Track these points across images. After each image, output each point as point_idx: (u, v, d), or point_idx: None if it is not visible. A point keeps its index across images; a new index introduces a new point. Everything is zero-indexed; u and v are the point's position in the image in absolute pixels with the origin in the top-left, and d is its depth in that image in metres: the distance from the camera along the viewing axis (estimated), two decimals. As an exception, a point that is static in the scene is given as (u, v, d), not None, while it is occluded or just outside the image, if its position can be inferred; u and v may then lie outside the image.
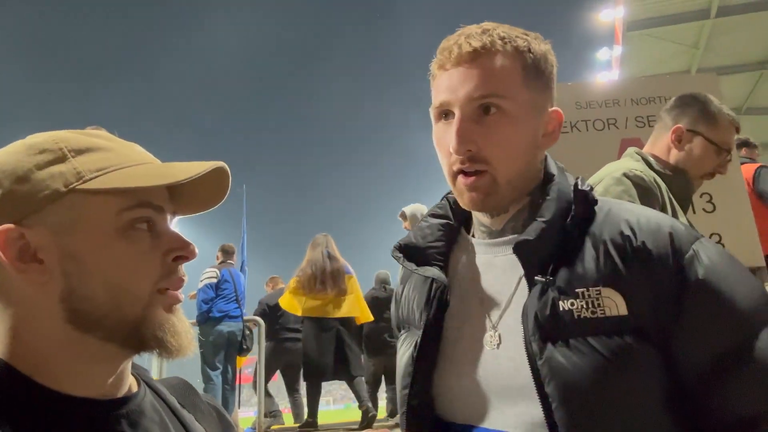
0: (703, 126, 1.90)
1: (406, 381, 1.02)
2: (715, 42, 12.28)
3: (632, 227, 0.91)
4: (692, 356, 0.84)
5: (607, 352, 0.83)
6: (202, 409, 0.92)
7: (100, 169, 0.73)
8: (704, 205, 3.51)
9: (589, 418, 0.81)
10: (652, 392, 0.83)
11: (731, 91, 12.66)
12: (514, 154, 0.96)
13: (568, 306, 0.87)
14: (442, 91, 0.97)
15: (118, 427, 0.72)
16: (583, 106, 3.77)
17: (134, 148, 0.81)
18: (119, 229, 0.72)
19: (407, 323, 1.11)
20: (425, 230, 1.09)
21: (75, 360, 0.72)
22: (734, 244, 3.44)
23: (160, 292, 0.75)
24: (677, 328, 0.84)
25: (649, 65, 13.08)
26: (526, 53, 0.96)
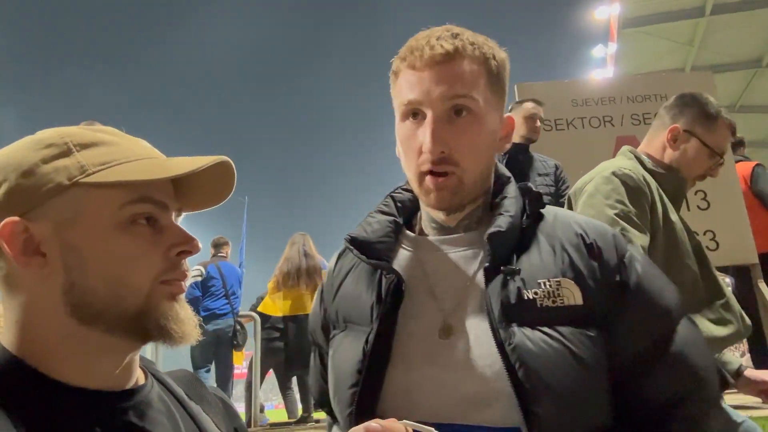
0: (700, 128, 1.90)
1: (354, 379, 0.97)
2: (710, 39, 12.34)
3: (583, 228, 1.00)
4: (626, 345, 0.93)
5: (569, 338, 0.89)
6: (209, 400, 0.92)
7: (104, 163, 0.73)
8: (699, 202, 3.54)
9: (557, 401, 0.86)
10: (602, 375, 0.91)
11: (725, 89, 12.71)
12: (480, 156, 1.01)
13: (531, 295, 0.92)
14: (413, 90, 0.98)
15: (126, 418, 0.72)
16: (579, 104, 3.79)
17: (140, 143, 0.81)
18: (120, 223, 0.72)
19: (346, 321, 1.08)
20: (374, 225, 1.09)
21: (80, 352, 0.72)
22: (728, 241, 3.47)
23: (162, 283, 0.75)
24: (618, 319, 0.93)
25: (644, 62, 13.14)
26: (491, 60, 1.00)
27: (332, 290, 1.14)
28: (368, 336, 0.98)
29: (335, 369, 1.04)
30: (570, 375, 0.87)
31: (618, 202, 1.68)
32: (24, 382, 0.69)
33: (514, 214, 0.99)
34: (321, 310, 1.18)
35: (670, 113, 1.96)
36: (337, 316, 1.10)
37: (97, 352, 0.73)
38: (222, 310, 5.88)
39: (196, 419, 0.83)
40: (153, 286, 0.73)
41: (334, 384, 1.04)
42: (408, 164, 1.02)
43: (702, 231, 3.47)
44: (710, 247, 3.44)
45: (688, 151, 1.89)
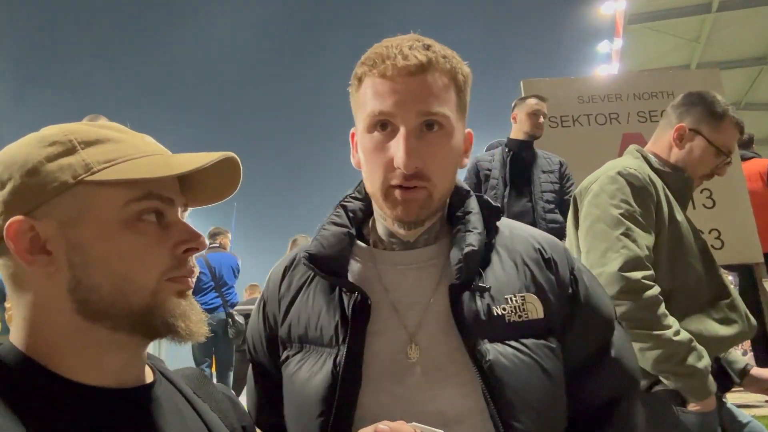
0: (706, 127, 1.88)
1: (322, 407, 0.92)
2: (716, 36, 12.27)
3: (540, 243, 1.04)
4: (574, 353, 0.99)
5: (535, 351, 0.93)
6: (217, 398, 0.92)
7: (109, 160, 0.73)
8: (704, 200, 3.53)
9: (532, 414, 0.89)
10: (561, 381, 0.96)
11: (731, 86, 12.64)
12: (449, 171, 0.99)
13: (500, 311, 0.94)
14: (384, 100, 0.93)
15: (134, 415, 0.73)
16: (585, 101, 3.77)
17: (144, 139, 0.80)
18: (126, 221, 0.72)
19: (302, 341, 1.01)
20: (330, 239, 1.03)
21: (87, 349, 0.72)
22: (733, 240, 3.46)
23: (168, 280, 0.75)
24: (569, 329, 0.99)
25: (650, 59, 13.08)
26: (459, 75, 0.97)
27: (280, 306, 1.07)
28: (336, 358, 0.93)
29: (295, 396, 0.98)
30: (541, 387, 0.91)
31: (623, 201, 1.68)
32: (33, 379, 0.69)
33: (481, 231, 1.00)
34: (265, 328, 1.09)
35: (676, 112, 1.95)
36: (290, 335, 1.03)
37: (104, 349, 0.73)
38: (211, 305, 5.72)
39: (203, 417, 0.83)
40: (159, 283, 0.74)
41: (295, 413, 0.98)
42: (372, 177, 0.97)
43: (707, 229, 3.46)
44: (715, 245, 3.44)
45: (694, 150, 1.88)
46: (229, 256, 6.11)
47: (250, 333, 1.14)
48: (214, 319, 5.67)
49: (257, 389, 1.13)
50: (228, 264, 6.00)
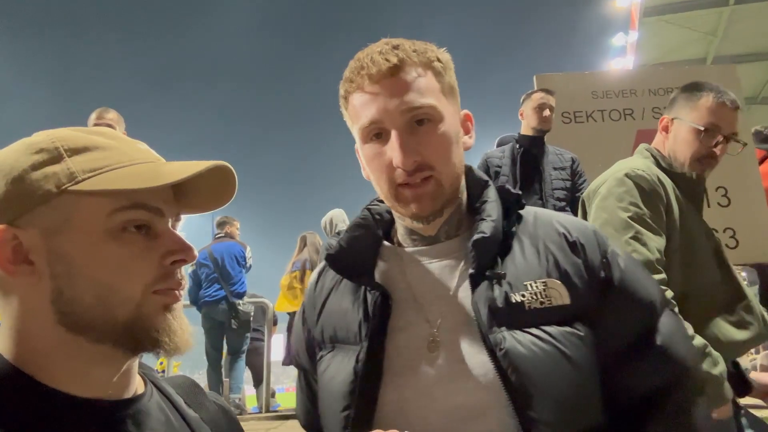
0: (684, 110, 1.89)
1: (346, 401, 0.95)
2: (733, 30, 12.10)
3: (565, 226, 1.01)
4: (612, 340, 0.94)
5: (559, 339, 0.89)
6: (208, 408, 0.91)
7: (95, 169, 0.71)
8: (719, 199, 3.48)
9: (551, 403, 0.86)
10: (593, 373, 0.91)
11: (748, 80, 12.48)
12: (450, 156, 0.99)
13: (519, 298, 0.92)
14: (370, 110, 0.96)
15: (123, 428, 0.72)
16: (599, 96, 3.72)
17: (136, 145, 0.79)
18: (110, 231, 0.70)
19: (333, 341, 1.05)
20: (353, 240, 1.06)
21: (74, 361, 0.70)
22: (748, 239, 3.41)
23: (155, 293, 0.72)
24: (603, 315, 0.94)
25: (665, 52, 12.93)
26: (436, 62, 0.99)
27: (315, 310, 1.11)
28: (358, 354, 0.96)
29: (324, 392, 1.02)
30: (563, 376, 0.87)
31: (631, 204, 1.65)
32: (20, 390, 0.68)
33: (496, 218, 0.99)
34: (304, 332, 1.14)
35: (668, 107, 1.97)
36: (323, 336, 1.07)
37: (90, 360, 0.71)
38: (214, 296, 5.64)
39: (193, 428, 0.82)
40: (144, 295, 0.71)
41: (324, 408, 1.02)
42: (380, 182, 1.00)
43: (722, 228, 3.40)
44: (729, 245, 3.38)
45: (678, 135, 1.88)
46: (234, 245, 5.96)
47: (294, 340, 1.19)
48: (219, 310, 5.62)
49: (303, 395, 1.18)
50: (231, 253, 5.84)
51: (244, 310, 5.69)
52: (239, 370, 5.77)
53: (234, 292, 5.69)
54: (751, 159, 3.72)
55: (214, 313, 5.62)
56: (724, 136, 1.84)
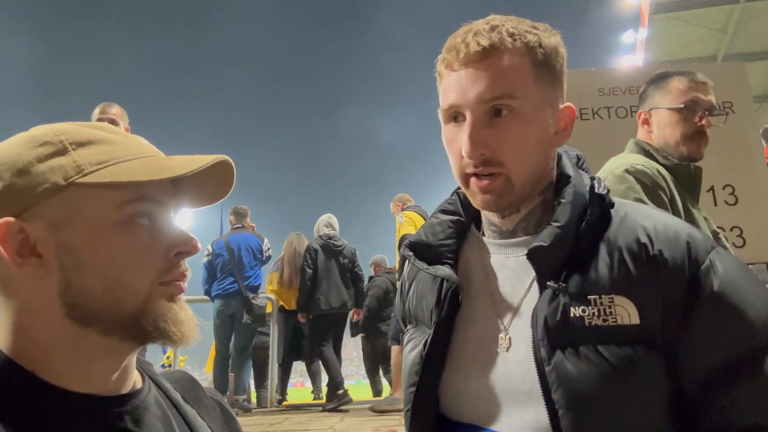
0: (657, 99, 1.92)
1: (413, 379, 1.00)
2: (744, 27, 11.99)
3: (649, 234, 0.89)
4: (698, 364, 0.83)
5: (616, 361, 0.82)
6: (206, 403, 0.91)
7: (101, 162, 0.71)
8: (726, 197, 3.45)
9: (593, 426, 0.81)
10: (655, 401, 0.82)
11: (758, 79, 12.37)
12: (528, 154, 0.94)
13: (579, 312, 0.86)
14: (452, 93, 0.94)
15: (121, 423, 0.72)
16: (606, 93, 3.69)
17: (138, 140, 0.79)
18: (118, 223, 0.71)
19: (415, 318, 1.09)
20: (436, 227, 1.07)
21: (77, 355, 0.70)
22: (756, 238, 3.38)
23: (162, 284, 0.74)
24: (685, 336, 0.83)
25: (675, 49, 12.83)
26: (537, 48, 0.93)
27: (407, 286, 1.15)
28: (426, 340, 0.99)
29: (404, 362, 1.07)
30: (612, 401, 0.81)
31: (636, 200, 1.63)
32: (20, 386, 0.68)
33: (562, 224, 0.91)
34: (401, 303, 1.18)
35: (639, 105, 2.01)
36: (410, 312, 1.12)
37: (93, 355, 0.71)
38: (228, 290, 5.57)
39: (191, 423, 0.82)
40: (152, 287, 0.72)
41: (402, 377, 1.07)
42: (454, 167, 0.98)
43: (729, 227, 3.37)
44: (737, 243, 3.35)
45: (660, 123, 1.90)
46: (251, 237, 5.90)
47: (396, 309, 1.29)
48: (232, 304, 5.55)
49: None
50: (247, 244, 5.78)
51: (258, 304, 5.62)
52: (246, 370, 5.68)
53: (248, 286, 5.63)
54: (759, 157, 3.68)
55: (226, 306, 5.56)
56: (705, 109, 1.85)
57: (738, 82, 3.72)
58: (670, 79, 1.91)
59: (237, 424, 0.96)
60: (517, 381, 0.90)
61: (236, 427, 0.95)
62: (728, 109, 3.52)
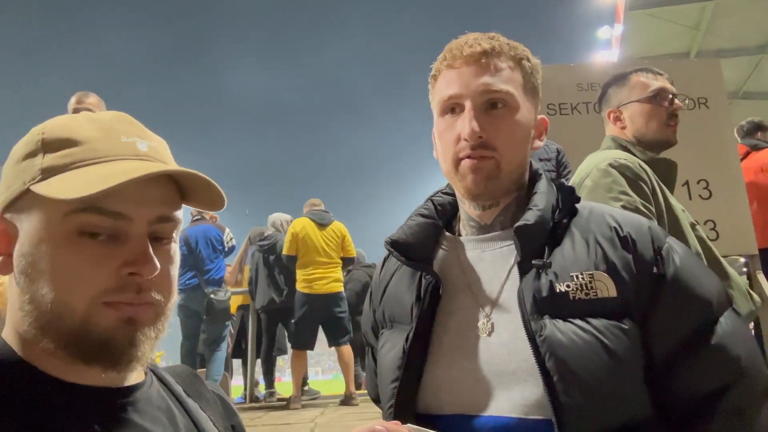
0: (622, 95, 1.96)
1: (395, 374, 1.02)
2: (716, 24, 12.21)
3: (617, 221, 1.01)
4: (663, 338, 0.93)
5: (601, 330, 0.90)
6: (207, 397, 0.91)
7: (60, 166, 0.68)
8: (701, 191, 3.52)
9: (585, 392, 0.87)
10: (636, 368, 0.92)
11: (730, 75, 12.60)
12: (516, 145, 1.04)
13: (564, 288, 0.93)
14: (453, 86, 1.04)
15: (125, 415, 0.71)
16: (584, 88, 3.72)
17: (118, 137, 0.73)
18: (65, 234, 0.66)
19: (391, 321, 1.12)
20: (414, 228, 1.12)
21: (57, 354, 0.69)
22: (729, 231, 3.45)
23: (106, 305, 0.67)
24: (654, 311, 0.94)
25: (650, 46, 13.01)
26: (525, 62, 1.07)
27: (379, 292, 1.19)
28: (408, 334, 1.03)
29: (380, 365, 1.10)
30: (601, 367, 0.88)
31: (621, 193, 1.66)
32: (22, 379, 0.67)
33: (542, 208, 1.01)
34: (371, 312, 1.23)
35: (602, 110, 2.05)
36: (384, 316, 1.15)
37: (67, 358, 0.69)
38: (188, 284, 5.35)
39: (193, 417, 0.82)
40: (91, 307, 0.66)
41: (379, 379, 1.10)
42: (445, 154, 1.06)
43: (703, 220, 3.44)
44: (710, 237, 3.41)
45: (633, 116, 1.94)
46: (210, 228, 5.66)
47: (363, 320, 1.29)
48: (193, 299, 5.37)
49: (371, 371, 1.29)
50: (206, 237, 5.56)
51: (218, 298, 5.41)
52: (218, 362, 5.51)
53: (209, 280, 5.44)
54: (733, 153, 3.76)
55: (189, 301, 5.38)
56: (671, 94, 1.93)
57: (713, 78, 3.79)
58: (630, 75, 1.98)
59: (238, 417, 0.95)
60: (502, 363, 0.95)
61: (237, 420, 0.95)
62: (703, 105, 3.60)
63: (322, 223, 5.33)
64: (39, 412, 0.65)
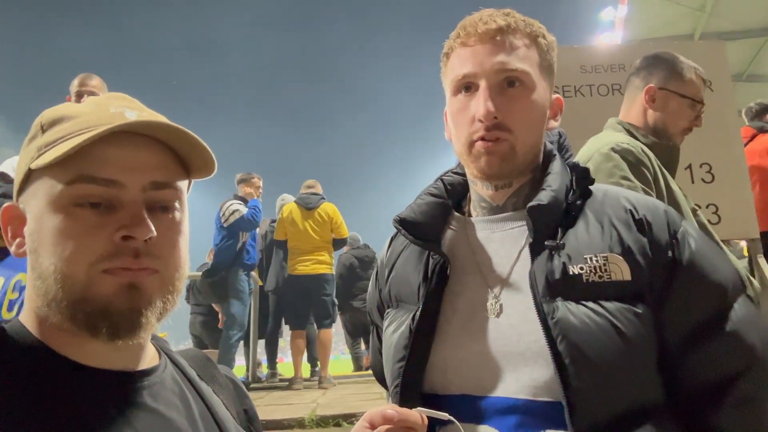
0: (674, 82, 1.93)
1: (401, 354, 1.01)
2: (721, 6, 12.06)
3: (633, 203, 0.99)
4: (677, 323, 0.92)
5: (614, 314, 0.88)
6: (220, 381, 0.92)
7: (54, 141, 0.69)
8: (703, 175, 3.50)
9: (597, 375, 0.86)
10: (649, 352, 0.90)
11: (734, 57, 12.48)
12: (532, 126, 1.02)
13: (577, 270, 0.92)
14: (467, 64, 1.01)
15: (140, 398, 0.72)
16: (588, 71, 3.70)
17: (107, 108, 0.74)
18: (61, 206, 0.68)
19: (398, 300, 1.11)
20: (423, 207, 1.11)
21: (70, 334, 0.69)
22: (731, 215, 3.45)
23: (106, 272, 0.68)
24: (668, 295, 0.92)
25: (654, 27, 12.87)
26: (541, 38, 1.04)
27: (385, 272, 1.18)
28: (415, 314, 1.02)
29: (386, 344, 1.09)
30: (612, 351, 0.87)
31: (623, 178, 1.66)
32: (40, 361, 0.68)
33: (556, 189, 1.00)
34: (376, 291, 1.22)
35: (640, 76, 1.99)
36: (390, 295, 1.14)
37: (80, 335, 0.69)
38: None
39: (206, 400, 0.82)
40: (90, 275, 0.67)
41: (385, 358, 1.09)
42: (459, 135, 1.04)
43: (705, 204, 3.43)
44: (712, 220, 3.41)
45: (670, 106, 1.92)
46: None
47: (368, 299, 1.28)
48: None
49: (375, 350, 1.27)
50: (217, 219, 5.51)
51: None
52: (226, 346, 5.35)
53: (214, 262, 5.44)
54: (737, 136, 3.74)
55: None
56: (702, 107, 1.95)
57: (717, 61, 3.76)
58: (687, 68, 1.93)
59: (249, 400, 0.97)
60: (510, 344, 0.93)
61: (249, 403, 0.96)
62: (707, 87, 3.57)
63: (308, 207, 5.45)
64: (55, 394, 0.66)
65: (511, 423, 0.89)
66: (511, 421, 0.89)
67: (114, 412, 0.68)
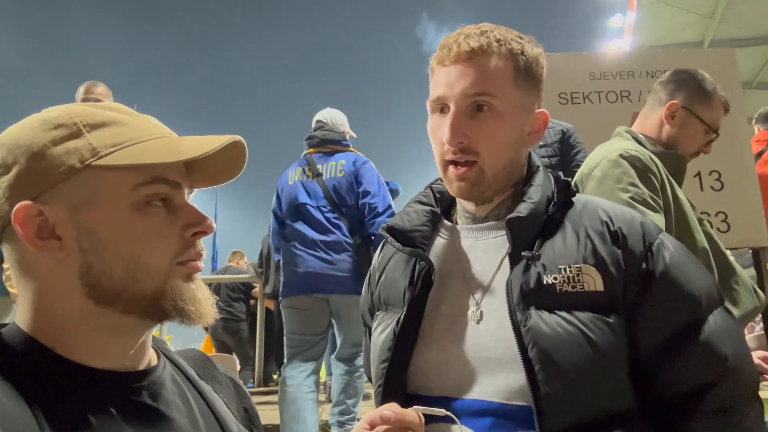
0: (698, 105, 1.88)
1: (385, 355, 1.05)
2: (731, 13, 12.04)
3: (609, 215, 1.02)
4: (649, 333, 0.94)
5: (586, 323, 0.91)
6: (220, 380, 0.93)
7: (115, 144, 0.72)
8: (713, 183, 3.48)
9: (566, 382, 0.89)
10: (620, 361, 0.93)
11: (743, 64, 12.44)
12: (501, 149, 1.04)
13: (551, 280, 0.95)
14: (440, 86, 1.04)
15: (139, 398, 0.73)
16: (597, 77, 3.69)
17: (150, 121, 0.80)
18: (135, 205, 0.72)
19: (386, 303, 1.15)
20: (411, 214, 1.14)
21: (96, 333, 0.72)
22: (740, 223, 3.43)
23: (179, 264, 0.75)
24: (641, 306, 0.95)
25: (663, 34, 12.86)
26: (519, 56, 1.03)
27: (376, 276, 1.21)
28: (399, 317, 1.04)
29: (373, 346, 1.12)
30: (582, 358, 0.89)
31: (630, 185, 1.65)
32: (40, 362, 0.69)
33: (536, 201, 1.02)
34: (368, 295, 1.25)
35: (666, 89, 1.94)
36: (380, 298, 1.18)
37: (112, 333, 0.73)
38: None
39: (207, 399, 0.83)
40: (170, 267, 0.74)
41: (371, 359, 1.13)
42: (435, 155, 1.08)
43: (714, 212, 3.41)
44: (721, 228, 3.40)
45: (686, 128, 1.88)
46: None
47: (361, 302, 1.31)
48: None
49: (367, 350, 1.30)
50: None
51: None
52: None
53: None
54: (746, 144, 3.72)
55: None
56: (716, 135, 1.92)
57: (727, 68, 3.74)
58: (716, 96, 1.90)
59: (250, 400, 0.98)
60: (488, 349, 0.97)
61: (249, 403, 0.97)
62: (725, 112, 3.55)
63: None
64: (54, 395, 0.66)
65: (485, 425, 0.92)
66: (485, 422, 0.92)
67: (114, 412, 0.69)
